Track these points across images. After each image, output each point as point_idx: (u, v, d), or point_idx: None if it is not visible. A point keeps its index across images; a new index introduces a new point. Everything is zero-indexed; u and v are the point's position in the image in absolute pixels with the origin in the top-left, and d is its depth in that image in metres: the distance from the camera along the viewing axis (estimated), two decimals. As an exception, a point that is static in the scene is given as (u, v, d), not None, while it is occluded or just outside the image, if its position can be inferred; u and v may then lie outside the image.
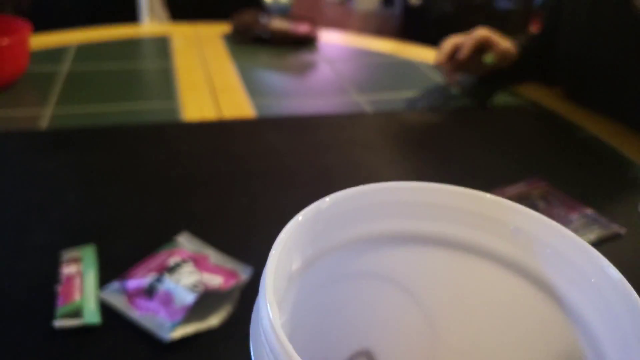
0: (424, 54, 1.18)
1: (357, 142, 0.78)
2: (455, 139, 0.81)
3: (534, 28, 2.09)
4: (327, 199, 0.23)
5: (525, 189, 0.68)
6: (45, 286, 0.48)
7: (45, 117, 0.79)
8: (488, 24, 0.98)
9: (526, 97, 0.98)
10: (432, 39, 1.17)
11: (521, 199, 0.66)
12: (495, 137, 0.83)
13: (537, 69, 1.02)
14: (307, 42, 1.21)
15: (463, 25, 1.10)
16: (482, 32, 0.93)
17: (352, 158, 0.74)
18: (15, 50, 0.85)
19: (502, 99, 0.98)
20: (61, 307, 0.45)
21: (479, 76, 1.01)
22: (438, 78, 1.05)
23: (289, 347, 0.18)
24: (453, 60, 0.95)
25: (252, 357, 0.21)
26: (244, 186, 0.65)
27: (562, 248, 0.24)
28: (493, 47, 0.93)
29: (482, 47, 0.93)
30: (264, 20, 1.20)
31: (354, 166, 0.72)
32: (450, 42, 0.95)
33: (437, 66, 0.96)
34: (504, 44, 0.94)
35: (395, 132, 0.82)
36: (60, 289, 0.47)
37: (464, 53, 0.92)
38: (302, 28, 1.21)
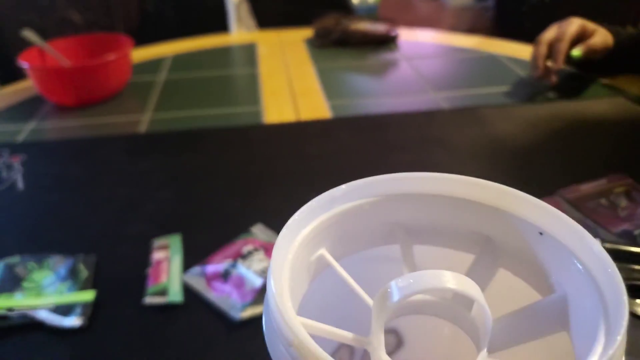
0: (507, 48, 1.16)
1: (432, 139, 0.79)
2: (536, 134, 0.80)
3: None
4: (343, 186, 0.26)
5: (605, 185, 0.65)
6: (139, 269, 0.55)
7: (144, 122, 0.89)
8: (587, 13, 0.94)
9: (617, 89, 0.94)
10: (527, 30, 1.14)
11: (600, 196, 0.63)
12: (580, 130, 0.80)
13: (634, 62, 0.96)
14: (387, 42, 1.23)
15: (560, 13, 1.05)
16: (574, 28, 0.89)
17: (422, 156, 0.75)
18: (119, 64, 0.96)
19: (591, 91, 0.94)
20: (150, 287, 0.52)
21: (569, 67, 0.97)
22: (522, 72, 1.03)
23: (294, 323, 0.19)
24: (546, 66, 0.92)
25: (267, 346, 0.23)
26: (315, 183, 0.69)
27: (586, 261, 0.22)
28: (584, 41, 0.89)
29: (574, 40, 0.90)
30: (344, 22, 1.24)
31: (427, 164, 0.73)
32: (544, 45, 0.91)
33: (534, 71, 0.94)
34: (597, 38, 0.89)
35: (472, 128, 0.82)
36: (150, 271, 0.54)
37: (559, 64, 0.89)
38: (381, 27, 1.23)
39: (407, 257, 0.26)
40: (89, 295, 0.51)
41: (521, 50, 1.14)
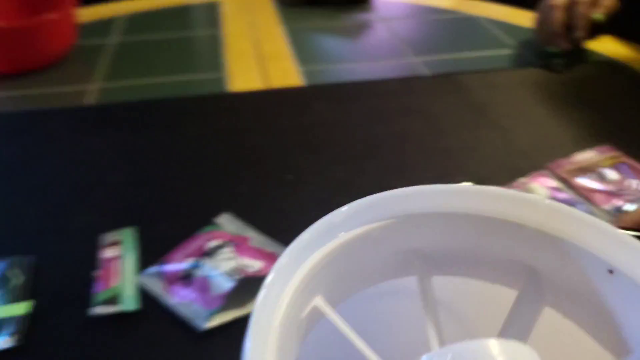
0: (488, 9, 1.08)
1: (412, 109, 0.72)
2: (521, 103, 0.73)
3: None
4: (344, 209, 0.19)
5: (594, 157, 0.61)
6: (86, 271, 0.47)
7: (92, 92, 0.79)
8: None
9: (607, 55, 0.88)
10: None
11: (588, 169, 0.59)
12: (567, 99, 0.74)
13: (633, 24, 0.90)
14: (360, 1, 1.13)
15: None
16: None
17: (404, 128, 0.68)
18: (61, 24, 0.84)
19: (582, 56, 0.88)
20: (99, 293, 0.44)
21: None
22: (505, 36, 0.96)
23: None
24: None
25: None
26: (290, 162, 0.62)
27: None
28: (599, 2, 0.81)
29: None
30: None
31: (407, 137, 0.66)
32: (560, 10, 0.82)
33: (553, 39, 0.84)
34: None
35: (453, 96, 0.75)
36: (98, 274, 0.46)
37: (582, 31, 0.80)
38: (355, -14, 1.14)
39: (425, 292, 0.20)
40: (24, 308, 0.43)
41: (501, 12, 1.07)
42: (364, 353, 0.16)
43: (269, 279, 0.16)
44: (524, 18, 1.04)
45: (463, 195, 0.18)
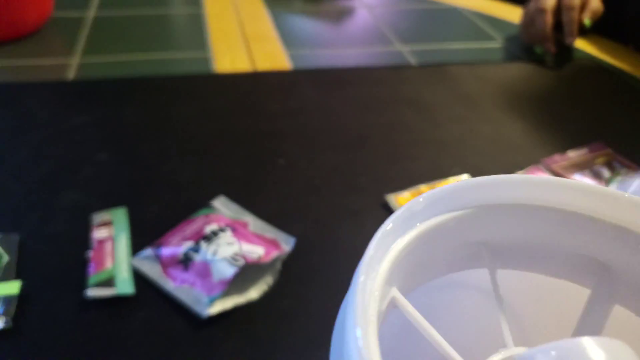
0: (471, 2, 1.09)
1: (402, 98, 0.72)
2: (512, 98, 0.74)
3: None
4: (423, 197, 0.18)
5: (587, 155, 0.63)
6: (76, 252, 0.45)
7: (72, 66, 0.75)
8: None
9: (593, 54, 0.90)
10: None
11: (583, 166, 0.60)
12: (556, 96, 0.76)
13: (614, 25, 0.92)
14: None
15: None
16: None
17: (394, 118, 0.68)
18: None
19: (568, 56, 0.90)
20: (93, 275, 0.43)
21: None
22: (490, 29, 0.97)
23: None
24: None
25: None
26: (280, 146, 0.61)
27: None
28: (586, 6, 0.83)
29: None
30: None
31: (398, 127, 0.66)
32: (550, 13, 0.82)
33: (541, 41, 0.85)
34: (595, 1, 0.83)
35: (443, 87, 0.76)
36: (91, 255, 0.44)
37: (573, 36, 0.81)
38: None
39: (496, 285, 0.19)
40: (12, 288, 0.41)
41: (484, 5, 1.08)
42: (442, 348, 0.16)
43: (361, 273, 0.15)
44: (506, 11, 1.05)
45: (539, 187, 0.18)
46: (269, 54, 0.83)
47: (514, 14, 1.03)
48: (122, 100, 0.67)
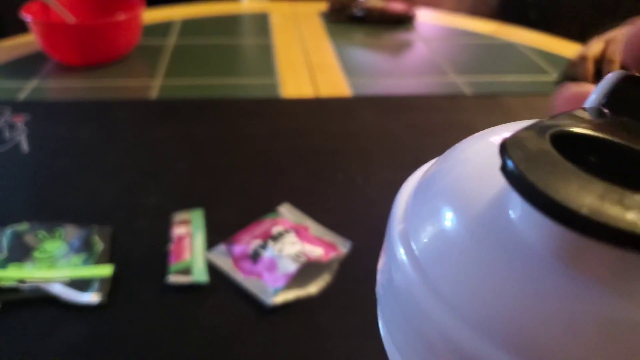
0: (525, 37, 1.13)
1: (457, 124, 0.76)
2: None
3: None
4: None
5: None
6: (159, 244, 0.51)
7: (154, 87, 0.84)
8: (595, 9, 0.90)
9: None
10: (531, 20, 1.10)
11: None
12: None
13: None
14: (403, 21, 1.19)
15: (563, 7, 1.01)
16: (620, 47, 0.84)
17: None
18: (130, 24, 0.91)
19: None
20: (173, 265, 0.48)
21: None
22: (543, 62, 1.00)
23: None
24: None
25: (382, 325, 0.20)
26: (339, 163, 0.66)
27: None
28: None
29: None
30: (361, -2, 1.19)
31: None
32: (591, 62, 0.85)
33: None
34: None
35: (497, 116, 0.79)
36: (171, 247, 0.50)
37: None
38: (398, 6, 1.19)
39: None
40: (106, 270, 0.47)
41: (537, 39, 1.11)
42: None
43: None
44: (560, 46, 1.08)
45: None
46: (331, 81, 0.89)
47: (567, 49, 1.06)
48: (198, 119, 0.75)
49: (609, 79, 0.20)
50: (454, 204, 0.18)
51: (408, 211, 0.20)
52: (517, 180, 0.13)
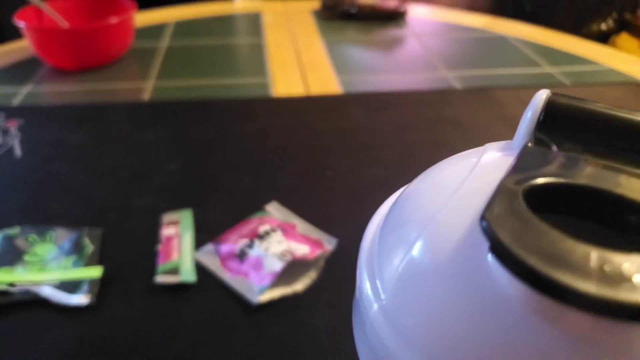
0: (517, 29, 1.13)
1: (446, 119, 0.77)
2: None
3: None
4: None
5: None
6: (148, 245, 0.52)
7: (147, 89, 0.85)
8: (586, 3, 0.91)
9: (632, 76, 0.92)
10: (527, 14, 1.11)
11: None
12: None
13: None
14: (395, 17, 1.19)
15: (560, 1, 1.01)
16: None
17: (437, 136, 0.73)
18: (123, 27, 0.91)
19: (607, 75, 0.92)
20: (161, 265, 0.49)
21: None
22: (535, 55, 1.00)
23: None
24: None
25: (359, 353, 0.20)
26: (328, 160, 0.67)
27: None
28: None
29: None
30: (353, -5, 1.20)
31: (441, 145, 0.71)
32: None
33: None
34: None
35: (487, 109, 0.80)
36: (160, 248, 0.51)
37: None
38: (390, 3, 1.19)
39: None
40: (96, 272, 0.48)
41: (529, 32, 1.11)
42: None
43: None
44: (551, 38, 1.08)
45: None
46: (322, 79, 0.90)
47: (559, 41, 1.06)
48: (190, 119, 0.75)
49: (538, 98, 0.21)
50: (423, 244, 0.19)
51: (374, 247, 0.21)
52: (511, 262, 0.14)
